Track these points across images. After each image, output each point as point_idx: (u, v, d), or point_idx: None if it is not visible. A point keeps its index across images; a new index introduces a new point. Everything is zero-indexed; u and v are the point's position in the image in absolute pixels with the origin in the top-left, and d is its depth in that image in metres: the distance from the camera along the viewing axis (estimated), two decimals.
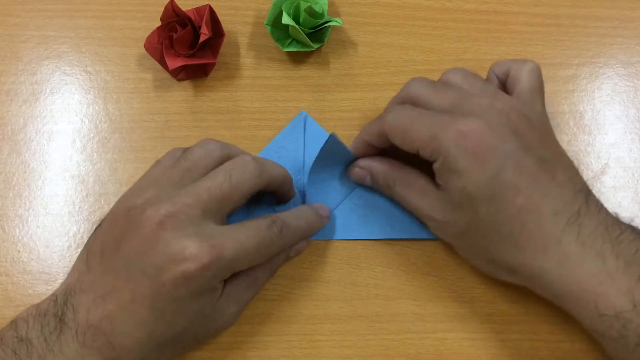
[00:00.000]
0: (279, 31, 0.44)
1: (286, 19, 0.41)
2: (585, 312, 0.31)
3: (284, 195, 0.38)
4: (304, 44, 0.43)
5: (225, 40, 0.43)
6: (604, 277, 0.30)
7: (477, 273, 0.39)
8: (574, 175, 0.34)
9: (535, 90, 0.36)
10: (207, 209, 0.32)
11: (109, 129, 0.43)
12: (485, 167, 0.32)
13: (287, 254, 0.37)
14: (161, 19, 0.42)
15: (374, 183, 0.39)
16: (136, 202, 0.33)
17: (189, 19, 0.41)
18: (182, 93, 0.43)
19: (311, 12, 0.41)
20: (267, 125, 0.43)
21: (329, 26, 0.43)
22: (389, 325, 0.38)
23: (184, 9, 0.41)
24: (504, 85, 0.38)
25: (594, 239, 0.31)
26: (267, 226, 0.33)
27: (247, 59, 0.44)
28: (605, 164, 0.42)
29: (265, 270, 0.36)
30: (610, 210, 0.33)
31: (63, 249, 0.40)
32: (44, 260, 0.40)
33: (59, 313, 0.32)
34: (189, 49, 0.42)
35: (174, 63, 0.41)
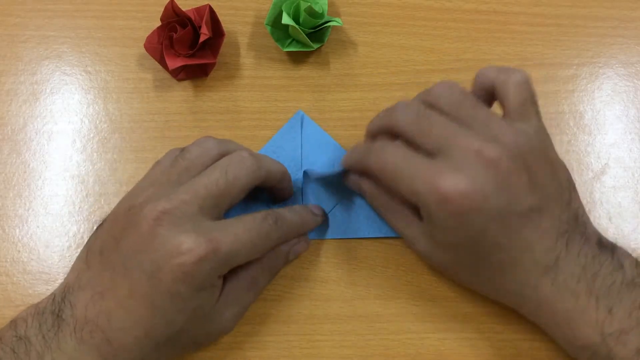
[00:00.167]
0: (279, 31, 0.44)
1: (286, 19, 0.41)
2: (561, 341, 0.33)
3: (282, 193, 0.38)
4: (304, 44, 0.43)
5: (225, 40, 0.43)
6: (576, 314, 0.32)
7: None
8: (562, 211, 0.33)
9: (526, 104, 0.34)
10: (204, 205, 0.32)
11: (109, 129, 0.43)
12: (468, 228, 0.32)
13: (287, 256, 0.38)
14: (161, 19, 0.42)
15: (364, 196, 0.39)
16: (135, 201, 0.33)
17: (189, 19, 0.41)
18: (182, 93, 0.43)
19: (311, 12, 0.42)
20: (267, 125, 0.43)
21: (329, 26, 0.43)
22: (389, 325, 0.38)
23: (184, 9, 0.41)
24: (492, 96, 0.35)
25: (569, 281, 0.32)
26: (262, 218, 0.34)
27: (247, 59, 0.44)
28: (605, 164, 0.42)
29: (265, 273, 0.36)
30: (601, 224, 0.34)
31: (63, 249, 0.40)
32: (44, 260, 0.40)
33: (56, 310, 0.32)
34: (189, 49, 0.42)
35: (174, 63, 0.41)
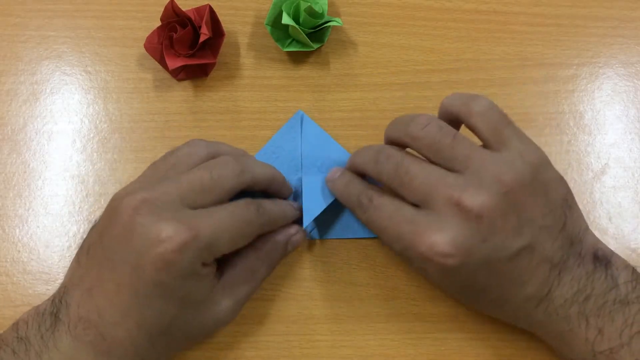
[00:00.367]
0: (279, 31, 0.44)
1: (286, 19, 0.41)
2: (557, 353, 0.35)
3: (277, 195, 0.38)
4: (304, 44, 0.43)
5: (225, 40, 0.43)
6: (568, 334, 0.32)
7: None
8: (555, 240, 0.32)
9: (498, 130, 0.33)
10: (185, 197, 0.32)
11: (109, 129, 0.43)
12: (455, 279, 0.32)
13: (285, 247, 0.37)
14: (161, 19, 0.42)
15: None
16: (118, 195, 0.33)
17: (189, 19, 0.41)
18: (182, 93, 0.43)
19: (311, 12, 0.42)
20: (267, 125, 0.43)
21: (329, 26, 0.43)
22: (389, 325, 0.38)
23: (184, 9, 0.41)
24: (460, 124, 0.35)
25: (561, 308, 0.32)
26: (244, 205, 0.34)
27: (247, 59, 0.44)
28: (605, 164, 0.42)
29: (263, 264, 0.36)
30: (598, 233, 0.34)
31: (63, 249, 0.40)
32: (44, 260, 0.40)
33: (54, 311, 0.32)
34: (189, 49, 0.42)
35: (174, 63, 0.41)
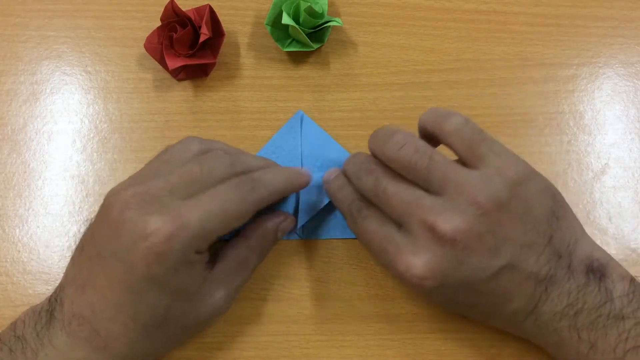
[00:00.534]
0: (279, 31, 0.44)
1: (286, 19, 0.41)
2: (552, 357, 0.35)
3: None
4: (304, 44, 0.43)
5: (225, 40, 0.43)
6: (560, 346, 0.33)
7: None
8: (540, 254, 0.32)
9: (473, 146, 0.32)
10: (175, 189, 0.32)
11: (109, 129, 0.43)
12: (437, 296, 0.34)
13: (275, 234, 0.37)
14: (161, 19, 0.42)
15: None
16: (109, 192, 0.33)
17: (189, 19, 0.41)
18: (182, 93, 0.43)
19: (311, 12, 0.42)
20: (267, 125, 0.43)
21: (329, 26, 0.43)
22: (389, 325, 0.38)
23: (184, 9, 0.41)
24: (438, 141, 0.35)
25: (550, 321, 0.32)
26: (235, 184, 0.33)
27: (247, 59, 0.44)
28: (605, 164, 0.42)
29: (254, 253, 0.36)
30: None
31: (63, 249, 0.40)
32: (44, 260, 0.40)
33: (50, 309, 0.32)
34: (189, 49, 0.42)
35: (174, 63, 0.41)
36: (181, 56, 0.42)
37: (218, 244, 0.34)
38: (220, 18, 0.42)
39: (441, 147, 0.35)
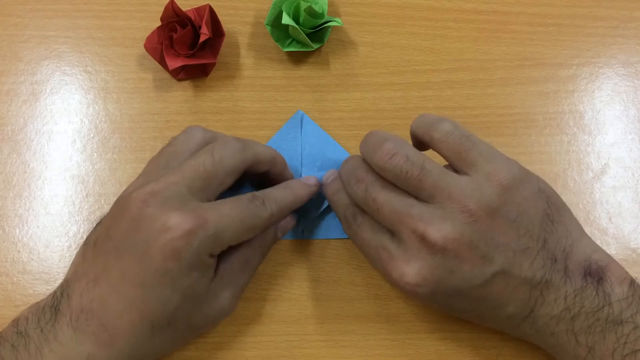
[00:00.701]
0: (279, 31, 0.44)
1: (286, 19, 0.41)
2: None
3: (280, 177, 0.38)
4: (304, 44, 0.43)
5: (225, 40, 0.43)
6: (558, 349, 0.33)
7: None
8: (534, 259, 0.31)
9: (462, 153, 0.32)
10: (192, 186, 0.32)
11: (109, 129, 0.43)
12: (434, 303, 0.34)
13: (275, 233, 0.37)
14: (161, 19, 0.42)
15: None
16: (125, 192, 0.33)
17: (189, 19, 0.41)
18: (182, 93, 0.43)
19: (311, 12, 0.42)
20: (267, 125, 0.43)
21: (329, 26, 0.43)
22: (389, 325, 0.38)
23: (184, 9, 0.41)
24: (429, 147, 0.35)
25: (546, 325, 0.32)
26: (248, 199, 0.34)
27: (247, 59, 0.44)
28: (605, 164, 0.42)
29: (256, 252, 0.36)
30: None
31: (63, 249, 0.40)
32: (44, 260, 0.40)
33: (55, 304, 0.32)
34: (189, 49, 0.42)
35: (174, 63, 0.41)
36: (181, 56, 0.42)
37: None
38: (220, 18, 0.42)
39: (432, 152, 0.35)
